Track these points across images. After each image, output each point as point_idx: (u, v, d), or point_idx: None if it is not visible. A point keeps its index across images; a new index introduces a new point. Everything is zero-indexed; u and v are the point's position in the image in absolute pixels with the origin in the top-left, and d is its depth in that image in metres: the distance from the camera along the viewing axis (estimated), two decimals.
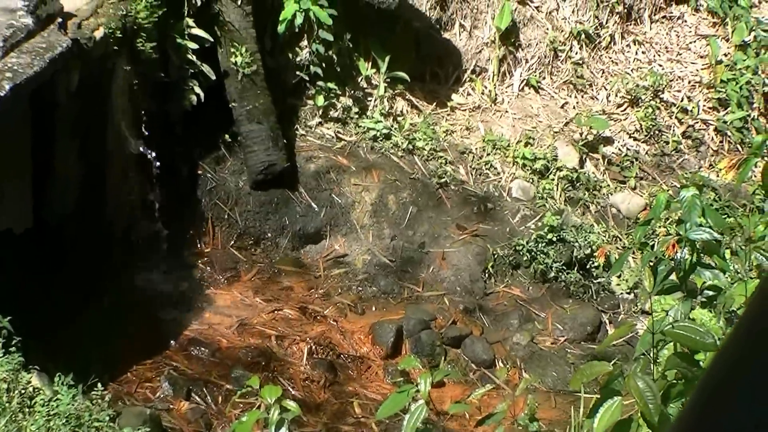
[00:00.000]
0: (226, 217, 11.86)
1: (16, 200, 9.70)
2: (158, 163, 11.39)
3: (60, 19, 9.97)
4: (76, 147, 10.41)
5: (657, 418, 5.57)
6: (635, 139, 14.04)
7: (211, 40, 11.74)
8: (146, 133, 11.20)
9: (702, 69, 14.67)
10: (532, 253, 12.09)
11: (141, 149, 11.12)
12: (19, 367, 8.86)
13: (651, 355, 6.15)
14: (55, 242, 10.18)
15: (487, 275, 11.98)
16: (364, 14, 12.57)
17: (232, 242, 11.84)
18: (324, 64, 12.54)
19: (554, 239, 12.17)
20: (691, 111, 14.47)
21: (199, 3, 11.46)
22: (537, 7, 14.30)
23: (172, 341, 10.81)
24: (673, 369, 6.02)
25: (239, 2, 11.68)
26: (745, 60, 14.46)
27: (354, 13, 12.52)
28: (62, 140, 10.19)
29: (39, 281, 9.98)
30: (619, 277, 11.64)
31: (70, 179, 10.31)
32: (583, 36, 14.44)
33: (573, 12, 14.44)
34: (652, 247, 8.67)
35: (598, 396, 6.16)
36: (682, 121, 14.30)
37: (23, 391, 8.80)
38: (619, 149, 13.83)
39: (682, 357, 5.97)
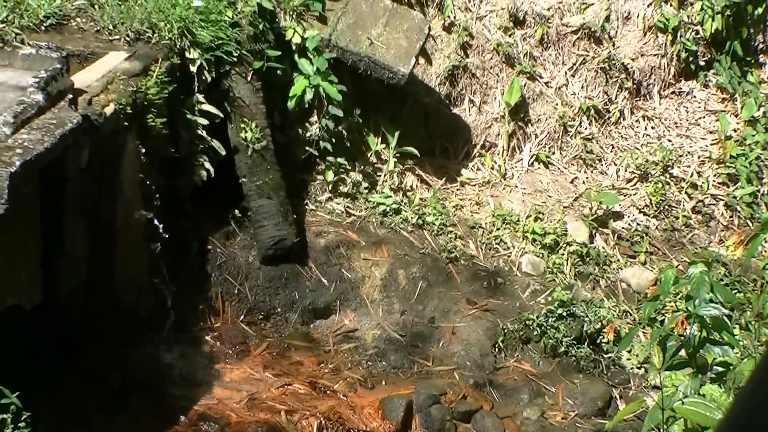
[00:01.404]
0: (235, 292, 11.76)
1: (25, 276, 9.59)
2: (167, 238, 11.22)
3: (70, 96, 9.90)
4: (86, 222, 10.31)
5: None
6: (645, 214, 14.04)
7: (221, 115, 11.66)
8: (156, 209, 11.08)
9: (711, 144, 14.69)
10: (542, 328, 12.04)
11: (150, 224, 11.06)
12: None
13: (661, 431, 6.25)
14: (63, 317, 10.07)
15: (497, 350, 11.94)
16: (373, 90, 12.59)
17: (242, 317, 11.73)
18: (334, 140, 12.56)
19: (564, 314, 12.10)
20: (701, 186, 14.50)
21: (209, 79, 11.45)
22: (546, 83, 14.35)
23: (181, 417, 10.66)
24: None
25: (249, 78, 11.69)
26: (754, 135, 14.49)
27: (363, 89, 12.54)
28: (71, 216, 10.12)
29: (47, 357, 9.84)
30: (629, 352, 11.59)
31: (79, 254, 10.23)
32: (592, 111, 14.49)
33: (582, 88, 14.50)
34: (662, 322, 8.81)
35: None
36: (692, 196, 14.35)
37: None
38: (629, 224, 13.84)
39: None
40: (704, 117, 14.94)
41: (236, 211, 11.90)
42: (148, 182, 10.97)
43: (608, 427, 10.65)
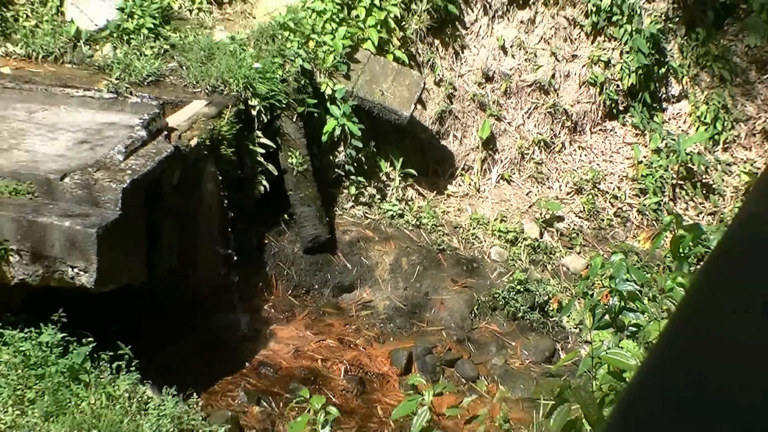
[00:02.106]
0: (284, 274, 11.83)
1: (136, 262, 9.70)
2: (235, 236, 11.37)
3: (165, 132, 10.18)
4: (177, 223, 10.53)
5: (595, 419, 5.66)
6: (580, 217, 14.08)
7: (274, 146, 11.70)
8: (227, 215, 11.23)
9: (628, 167, 14.72)
10: (506, 300, 12.08)
11: (223, 226, 11.22)
12: (137, 381, 8.96)
13: (591, 373, 6.39)
14: (160, 292, 10.33)
15: (473, 315, 11.98)
16: (384, 128, 12.62)
17: (289, 292, 11.77)
18: (355, 164, 12.62)
19: (521, 289, 12.18)
20: (620, 197, 14.54)
21: (265, 120, 11.47)
22: (509, 123, 14.29)
23: (246, 364, 10.85)
24: (606, 383, 6.16)
25: (294, 119, 11.71)
26: (659, 161, 14.57)
27: (376, 127, 12.56)
28: (167, 219, 10.31)
29: (148, 320, 10.06)
30: (568, 317, 11.71)
31: (173, 247, 10.43)
32: (542, 143, 14.52)
33: (534, 126, 14.47)
34: (592, 295, 8.83)
35: (554, 402, 6.35)
36: (614, 204, 14.38)
37: (140, 399, 8.93)
38: (568, 225, 13.89)
39: (614, 375, 6.14)
40: (623, 147, 14.94)
41: (285, 216, 11.91)
42: (221, 195, 11.08)
43: (553, 370, 10.94)
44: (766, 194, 1.38)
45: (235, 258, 11.72)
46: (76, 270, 9.06)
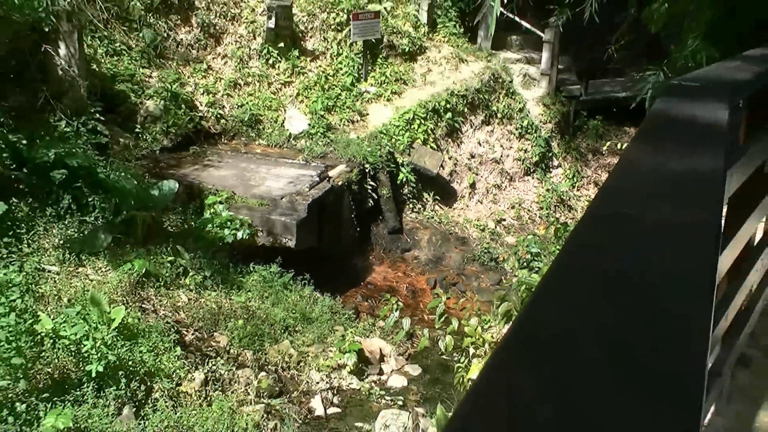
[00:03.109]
0: (379, 243, 12.67)
1: (313, 236, 10.87)
2: (358, 227, 12.32)
3: (327, 178, 11.29)
4: (331, 219, 11.47)
5: (519, 310, 6.49)
6: (512, 219, 14.39)
7: (375, 185, 12.46)
8: (353, 217, 12.15)
9: (535, 197, 15.05)
10: (479, 256, 12.74)
11: (351, 221, 12.13)
12: (312, 289, 10.13)
13: (518, 288, 7.22)
14: (322, 250, 11.13)
15: (464, 263, 12.65)
16: (424, 178, 13.20)
17: (381, 251, 12.62)
18: (412, 194, 13.16)
19: (487, 251, 12.84)
20: (531, 210, 14.77)
21: (371, 173, 12.35)
22: (481, 176, 14.70)
23: (360, 282, 11.73)
24: (524, 294, 7.05)
25: (385, 173, 12.56)
26: (549, 195, 14.85)
27: (421, 177, 13.22)
28: (325, 219, 11.34)
29: (317, 262, 10.75)
30: (508, 265, 11.77)
31: (328, 230, 11.36)
32: (496, 185, 14.86)
33: (493, 177, 14.88)
34: (518, 255, 9.85)
35: (500, 302, 7.18)
36: (528, 213, 14.63)
37: (314, 297, 9.98)
38: (508, 222, 14.22)
39: (527, 290, 7.09)
40: (532, 188, 15.20)
41: (379, 216, 12.54)
42: (351, 207, 11.94)
43: (501, 288, 11.31)
44: (602, 193, 1.46)
45: (356, 234, 12.37)
46: (287, 239, 10.25)
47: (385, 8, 14.94)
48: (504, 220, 14.22)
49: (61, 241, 8.11)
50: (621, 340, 1.01)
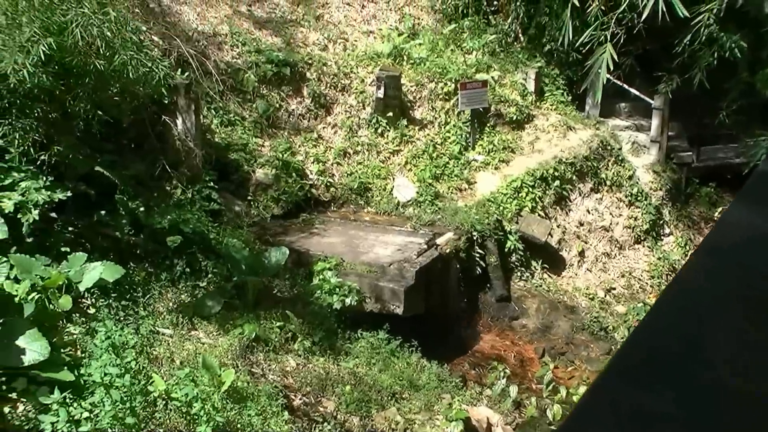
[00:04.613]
0: (486, 310, 12.46)
1: (420, 302, 10.81)
2: (465, 291, 12.21)
3: (435, 246, 11.33)
4: (438, 285, 11.47)
5: None
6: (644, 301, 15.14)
7: (483, 253, 12.41)
8: (460, 284, 12.11)
9: (645, 265, 14.73)
10: (592, 325, 12.41)
11: (457, 286, 12.03)
12: (420, 356, 10.06)
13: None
14: (429, 315, 11.10)
15: (573, 332, 12.30)
16: (531, 245, 13.00)
17: (488, 319, 12.41)
18: (519, 261, 13.08)
19: (599, 323, 12.37)
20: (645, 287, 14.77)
21: (479, 240, 12.11)
22: (590, 244, 14.34)
23: (468, 350, 11.58)
24: None
25: (492, 241, 12.42)
26: (661, 264, 14.57)
27: (529, 245, 13.02)
28: (433, 284, 11.27)
29: (424, 328, 10.72)
30: (620, 335, 11.53)
31: (435, 297, 11.31)
32: (602, 254, 14.82)
33: (593, 243, 14.54)
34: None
35: None
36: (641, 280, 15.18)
37: (421, 364, 9.96)
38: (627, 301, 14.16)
39: None
40: (643, 257, 14.91)
41: (487, 284, 12.41)
42: (458, 274, 11.97)
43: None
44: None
45: (464, 302, 12.38)
46: (395, 306, 10.30)
47: (492, 77, 15.09)
48: (614, 288, 13.93)
49: (175, 305, 8.37)
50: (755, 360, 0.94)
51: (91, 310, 7.66)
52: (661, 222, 15.23)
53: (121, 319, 7.71)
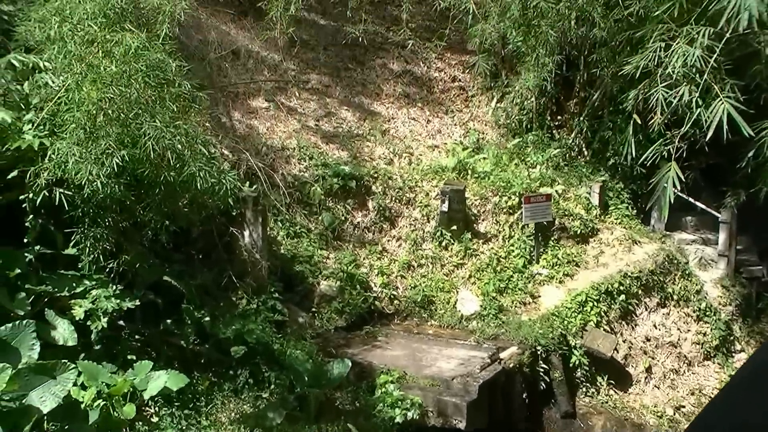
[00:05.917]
0: (552, 427, 12.07)
1: (483, 417, 10.65)
2: (528, 407, 11.89)
3: (498, 360, 11.17)
4: (501, 398, 11.24)
5: None
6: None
7: (547, 367, 12.05)
8: (525, 397, 11.79)
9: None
10: None
11: (524, 405, 11.78)
12: None
13: None
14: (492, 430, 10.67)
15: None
16: (597, 361, 12.53)
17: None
18: (584, 378, 12.58)
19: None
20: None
21: (543, 356, 11.87)
22: (656, 359, 13.78)
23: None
24: None
25: (557, 356, 12.07)
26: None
27: (594, 360, 12.56)
28: (496, 396, 11.09)
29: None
30: None
31: (498, 412, 11.13)
32: (671, 370, 13.91)
33: (655, 354, 13.95)
34: None
35: None
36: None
37: None
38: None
39: None
40: (711, 379, 14.28)
41: (551, 400, 12.02)
42: (522, 389, 11.73)
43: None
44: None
45: (527, 418, 11.97)
46: (457, 421, 10.11)
47: (556, 191, 15.15)
48: (683, 407, 13.46)
49: (237, 416, 8.39)
50: None
51: (155, 419, 7.76)
52: (732, 338, 14.75)
53: (184, 428, 7.78)
